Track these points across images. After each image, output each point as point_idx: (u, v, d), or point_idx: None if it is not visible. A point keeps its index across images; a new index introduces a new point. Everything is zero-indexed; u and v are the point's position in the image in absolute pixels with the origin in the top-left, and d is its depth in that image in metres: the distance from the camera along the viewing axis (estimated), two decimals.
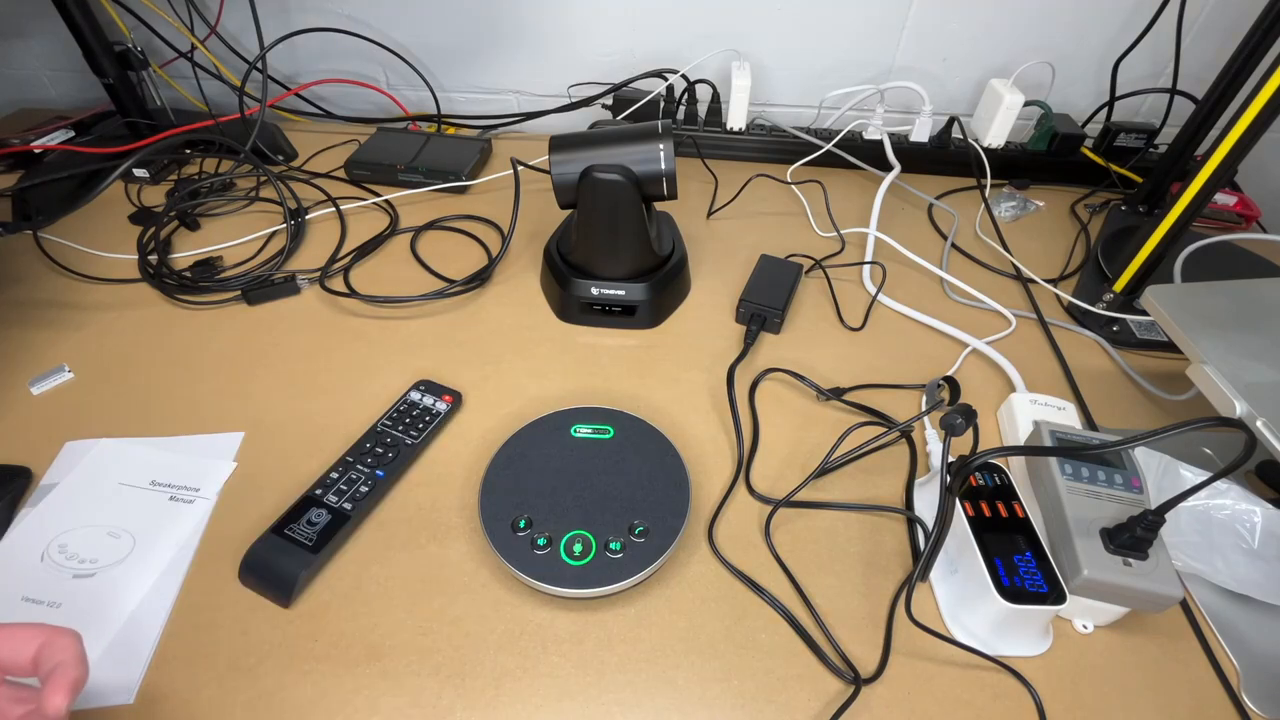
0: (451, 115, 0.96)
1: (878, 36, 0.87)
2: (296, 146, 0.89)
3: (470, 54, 0.93)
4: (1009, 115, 0.84)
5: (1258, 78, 0.54)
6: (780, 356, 0.63)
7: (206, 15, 0.86)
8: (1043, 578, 0.43)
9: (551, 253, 0.67)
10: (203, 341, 0.63)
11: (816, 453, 0.55)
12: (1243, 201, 0.82)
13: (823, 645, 0.44)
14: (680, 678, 0.43)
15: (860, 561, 0.49)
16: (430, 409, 0.56)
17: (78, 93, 1.00)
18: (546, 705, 0.41)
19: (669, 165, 0.59)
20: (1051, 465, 0.47)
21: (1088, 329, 0.67)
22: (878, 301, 0.69)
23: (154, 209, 0.78)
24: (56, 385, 0.58)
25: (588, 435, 0.52)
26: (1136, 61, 0.83)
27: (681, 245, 0.70)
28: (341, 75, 0.94)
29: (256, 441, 0.54)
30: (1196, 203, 0.59)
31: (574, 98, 0.92)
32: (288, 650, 0.43)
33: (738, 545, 0.49)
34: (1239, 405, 0.47)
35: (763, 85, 0.92)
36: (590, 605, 0.45)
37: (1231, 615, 0.47)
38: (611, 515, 0.47)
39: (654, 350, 0.64)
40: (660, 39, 0.89)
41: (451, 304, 0.68)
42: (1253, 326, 0.54)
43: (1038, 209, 0.84)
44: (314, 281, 0.69)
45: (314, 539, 0.46)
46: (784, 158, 0.89)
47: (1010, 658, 0.44)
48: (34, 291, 0.67)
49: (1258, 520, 0.47)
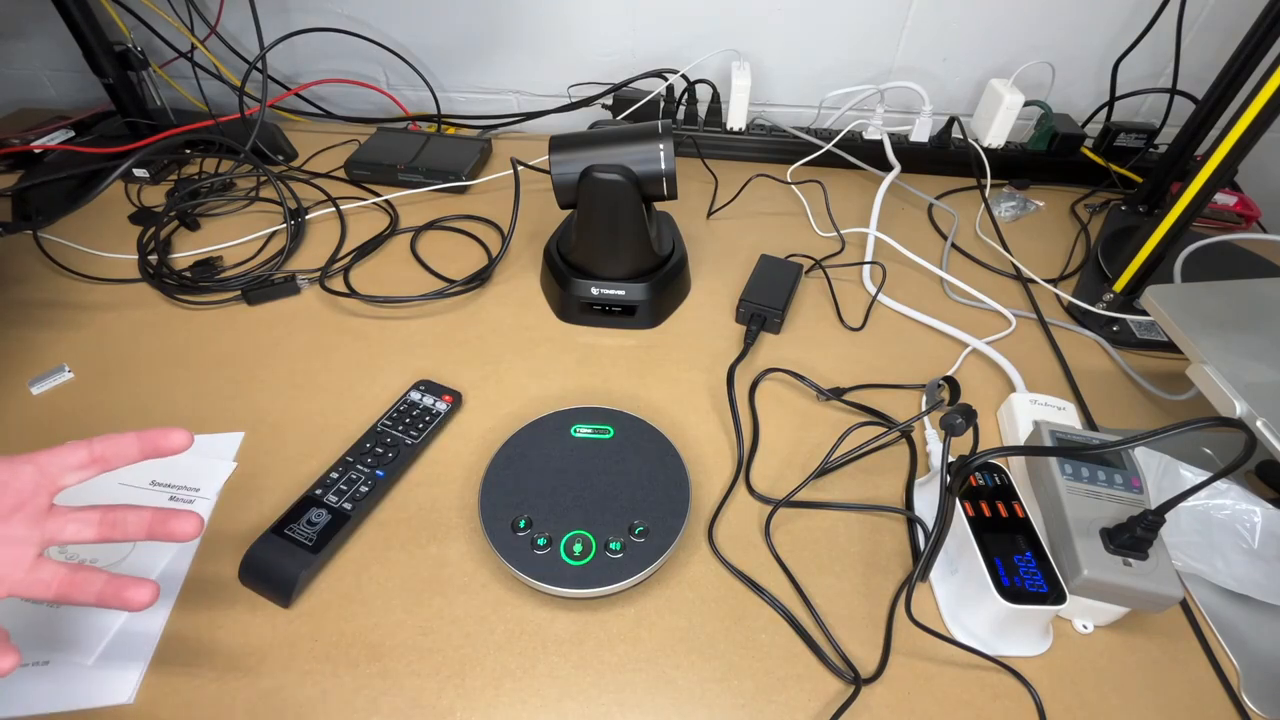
0: (451, 115, 0.96)
1: (878, 36, 0.87)
2: (296, 146, 0.89)
3: (470, 54, 0.93)
4: (1009, 115, 0.84)
5: (1258, 78, 0.54)
6: (780, 356, 0.63)
7: (206, 15, 0.86)
8: (1043, 578, 0.43)
9: (551, 253, 0.67)
10: (203, 341, 0.63)
11: (816, 453, 0.55)
12: (1243, 201, 0.82)
13: (823, 645, 0.44)
14: (680, 678, 0.43)
15: (860, 561, 0.49)
16: (430, 409, 0.56)
17: (78, 93, 1.00)
18: (546, 705, 0.41)
19: (669, 165, 0.59)
20: (1051, 465, 0.47)
21: (1088, 329, 0.67)
22: (878, 301, 0.69)
23: (154, 209, 0.78)
24: (56, 385, 0.58)
25: (588, 435, 0.52)
26: (1136, 61, 0.83)
27: (681, 245, 0.70)
28: (341, 75, 0.94)
29: (256, 441, 0.54)
30: (1196, 203, 0.59)
31: (574, 98, 0.92)
32: (288, 650, 0.43)
33: (738, 545, 0.49)
34: (1239, 405, 0.47)
35: (763, 85, 0.92)
36: (590, 605, 0.45)
37: (1231, 615, 0.47)
38: (611, 515, 0.47)
39: (654, 350, 0.64)
40: (660, 39, 0.89)
41: (451, 304, 0.68)
42: (1253, 326, 0.54)
43: (1038, 209, 0.84)
44: (314, 281, 0.69)
45: (314, 539, 0.46)
46: (784, 158, 0.89)
47: (1010, 658, 0.44)
48: (34, 291, 0.67)
49: (1258, 520, 0.47)
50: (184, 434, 0.38)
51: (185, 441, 0.38)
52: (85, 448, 0.37)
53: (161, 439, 0.37)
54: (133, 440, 0.37)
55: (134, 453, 0.37)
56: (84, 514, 0.36)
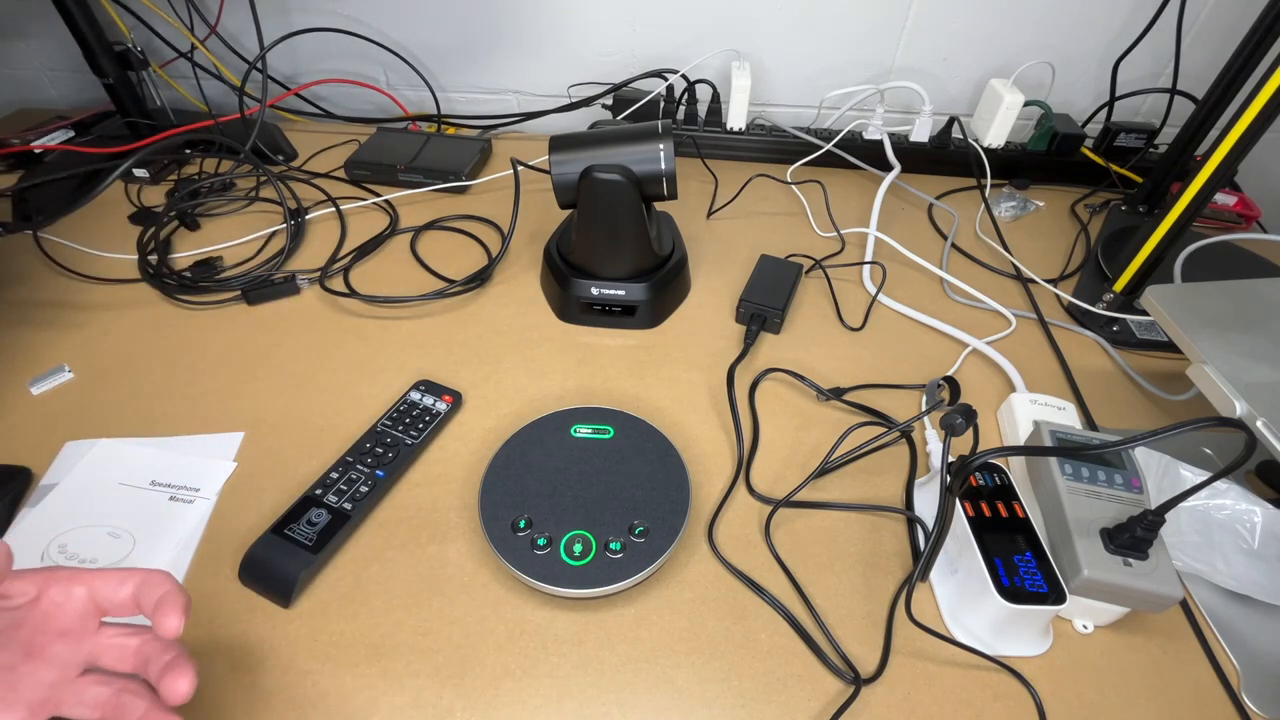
0: (451, 115, 0.96)
1: (878, 36, 0.87)
2: (296, 146, 0.89)
3: (470, 54, 0.93)
4: (1009, 115, 0.84)
5: (1258, 78, 0.54)
6: (780, 356, 0.63)
7: (206, 15, 0.86)
8: (1043, 578, 0.43)
9: (551, 253, 0.67)
10: (203, 341, 0.63)
11: (816, 453, 0.55)
12: (1243, 201, 0.82)
13: (823, 645, 0.44)
14: (680, 678, 0.43)
15: (860, 561, 0.49)
16: (430, 409, 0.56)
17: (78, 93, 1.00)
18: (546, 705, 0.41)
19: (669, 165, 0.59)
20: (1051, 465, 0.47)
21: (1088, 329, 0.67)
22: (878, 301, 0.69)
23: (154, 209, 0.78)
24: (56, 385, 0.58)
25: (588, 435, 0.52)
26: (1136, 61, 0.83)
27: (681, 245, 0.70)
28: (341, 75, 0.94)
29: (256, 441, 0.54)
30: (1196, 203, 0.59)
31: (574, 98, 0.92)
32: (288, 650, 0.43)
33: (738, 545, 0.49)
34: (1239, 405, 0.47)
35: (763, 85, 0.92)
36: (590, 605, 0.45)
37: (1231, 615, 0.47)
38: (611, 515, 0.47)
39: (654, 350, 0.64)
40: (660, 39, 0.89)
41: (451, 304, 0.68)
42: (1253, 326, 0.54)
43: (1038, 209, 0.84)
44: (314, 281, 0.69)
45: (314, 539, 0.46)
46: (784, 158, 0.89)
47: (1010, 658, 0.44)
48: (34, 291, 0.67)
49: (1258, 520, 0.47)
50: (177, 620, 0.34)
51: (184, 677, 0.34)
52: (131, 587, 0.35)
53: (160, 622, 0.34)
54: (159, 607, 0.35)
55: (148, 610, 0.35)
56: (124, 640, 0.35)
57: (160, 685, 0.34)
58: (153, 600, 0.35)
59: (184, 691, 0.34)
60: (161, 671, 0.34)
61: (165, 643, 0.35)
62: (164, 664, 0.34)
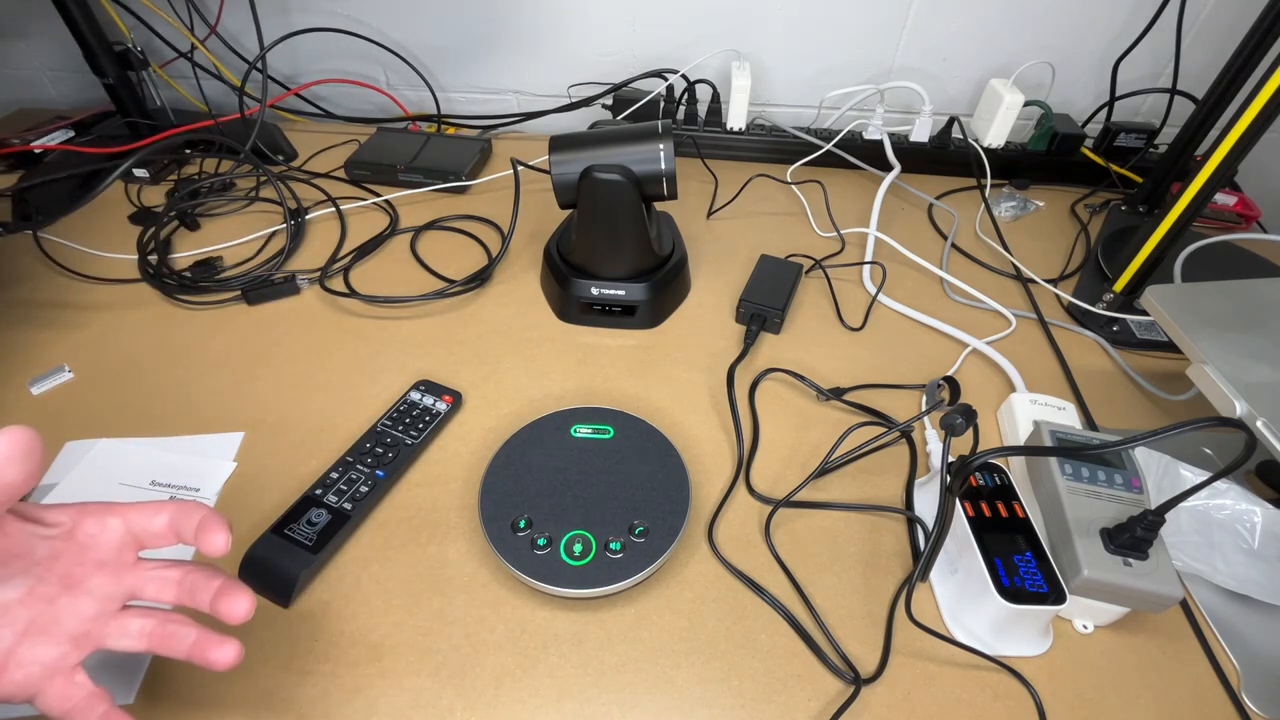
0: (451, 115, 0.96)
1: (878, 36, 0.87)
2: (296, 146, 0.89)
3: (470, 54, 0.93)
4: (1009, 115, 0.84)
5: (1258, 78, 0.54)
6: (780, 356, 0.63)
7: (206, 15, 0.86)
8: (1043, 578, 0.43)
9: (551, 253, 0.67)
10: (203, 341, 0.63)
11: (816, 453, 0.55)
12: (1243, 201, 0.82)
13: (823, 645, 0.44)
14: (680, 678, 0.43)
15: (860, 561, 0.49)
16: (430, 409, 0.56)
17: (78, 93, 1.00)
18: (546, 705, 0.41)
19: (669, 165, 0.59)
20: (1051, 465, 0.47)
21: (1088, 329, 0.67)
22: (878, 301, 0.69)
23: (154, 209, 0.78)
24: (56, 385, 0.58)
25: (588, 435, 0.52)
26: (1136, 61, 0.83)
27: (681, 245, 0.70)
28: (341, 75, 0.94)
29: (256, 441, 0.54)
30: (1196, 203, 0.59)
31: (574, 98, 0.92)
32: (288, 650, 0.43)
33: (738, 545, 0.49)
34: (1239, 405, 0.47)
35: (763, 85, 0.92)
36: (590, 605, 0.45)
37: (1231, 615, 0.47)
38: (611, 515, 0.47)
39: (654, 350, 0.64)
40: (660, 39, 0.89)
41: (451, 304, 0.68)
42: (1253, 326, 0.54)
43: (1038, 209, 0.84)
44: (314, 281, 0.69)
45: (314, 539, 0.46)
46: (784, 158, 0.89)
47: (1010, 658, 0.44)
48: (34, 291, 0.67)
49: (1258, 520, 0.47)
50: (224, 536, 0.34)
51: (222, 546, 0.35)
52: (167, 515, 0.35)
53: (205, 541, 0.34)
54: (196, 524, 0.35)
55: (189, 536, 0.35)
56: (165, 572, 0.35)
57: (217, 609, 0.33)
58: (193, 524, 0.34)
59: (244, 610, 0.33)
60: (215, 596, 0.33)
61: (209, 570, 0.34)
62: (215, 589, 0.34)
